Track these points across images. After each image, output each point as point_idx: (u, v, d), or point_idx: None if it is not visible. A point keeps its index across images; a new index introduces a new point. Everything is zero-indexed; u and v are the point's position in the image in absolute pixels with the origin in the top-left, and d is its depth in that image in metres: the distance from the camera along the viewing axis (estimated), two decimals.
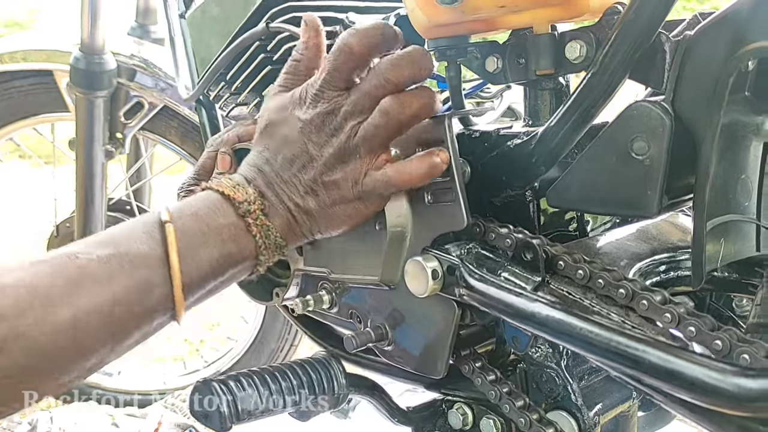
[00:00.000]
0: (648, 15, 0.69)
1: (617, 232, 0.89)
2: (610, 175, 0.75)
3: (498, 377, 0.87)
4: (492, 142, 0.87)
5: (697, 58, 0.70)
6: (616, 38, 0.72)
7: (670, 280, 0.85)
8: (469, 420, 0.94)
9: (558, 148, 0.80)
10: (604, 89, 0.74)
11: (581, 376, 0.86)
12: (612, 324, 0.67)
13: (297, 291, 1.03)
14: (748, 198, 0.77)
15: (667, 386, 0.61)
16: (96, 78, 1.65)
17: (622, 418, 0.91)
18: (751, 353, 0.59)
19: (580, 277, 0.73)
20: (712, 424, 0.61)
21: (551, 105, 0.89)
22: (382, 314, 0.91)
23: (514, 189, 0.85)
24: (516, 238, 0.78)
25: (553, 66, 0.83)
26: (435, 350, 0.86)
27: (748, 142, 0.76)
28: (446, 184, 0.80)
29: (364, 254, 0.89)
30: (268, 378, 0.76)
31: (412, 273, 0.81)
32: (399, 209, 0.84)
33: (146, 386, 2.09)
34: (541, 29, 0.82)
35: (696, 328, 0.63)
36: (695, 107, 0.70)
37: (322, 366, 0.80)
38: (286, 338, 1.86)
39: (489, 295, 0.76)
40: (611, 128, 0.75)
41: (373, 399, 0.96)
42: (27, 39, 1.86)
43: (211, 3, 1.17)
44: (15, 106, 1.84)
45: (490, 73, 0.89)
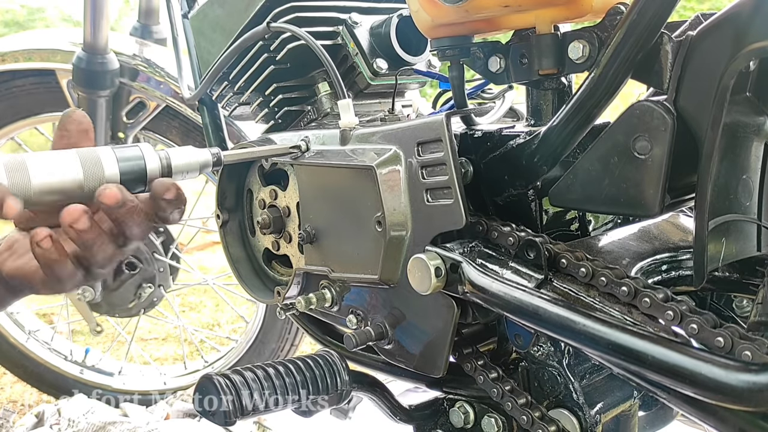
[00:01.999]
0: (651, 15, 0.70)
1: (619, 232, 0.90)
2: (613, 174, 0.76)
3: (500, 375, 0.87)
4: (494, 141, 0.88)
5: (699, 59, 0.70)
6: (619, 38, 0.72)
7: (672, 279, 0.85)
8: (470, 418, 0.95)
9: (560, 147, 0.81)
10: (607, 89, 0.75)
11: (583, 375, 0.86)
12: (615, 321, 0.68)
13: (298, 290, 1.03)
14: (750, 198, 0.77)
15: (670, 382, 0.61)
16: (98, 78, 1.65)
17: (623, 417, 0.92)
18: (753, 350, 0.60)
19: (583, 274, 0.73)
20: (715, 419, 0.62)
21: (553, 105, 0.89)
22: (382, 313, 0.92)
23: (517, 188, 0.86)
24: (519, 236, 0.79)
25: (555, 66, 0.84)
26: (435, 349, 0.86)
27: (750, 142, 0.76)
28: (445, 183, 0.81)
29: (364, 253, 0.90)
30: (272, 374, 0.76)
31: (416, 270, 0.82)
32: (398, 208, 0.85)
33: (146, 386, 2.09)
34: (543, 29, 0.83)
35: (698, 325, 0.64)
36: (697, 107, 0.71)
37: (326, 362, 0.80)
38: (286, 338, 1.86)
39: (492, 292, 0.76)
40: (614, 128, 0.75)
41: (375, 396, 0.97)
42: (29, 38, 1.87)
43: (213, 3, 1.18)
44: (17, 105, 1.84)
45: (493, 73, 0.90)
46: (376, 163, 0.85)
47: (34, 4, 7.09)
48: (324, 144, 0.96)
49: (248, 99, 1.15)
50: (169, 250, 1.92)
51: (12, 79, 1.81)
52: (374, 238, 0.88)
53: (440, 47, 0.89)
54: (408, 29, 1.02)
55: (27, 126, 1.90)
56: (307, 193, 0.97)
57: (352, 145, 0.92)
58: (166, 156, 0.78)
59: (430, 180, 0.83)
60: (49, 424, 1.72)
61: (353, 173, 0.89)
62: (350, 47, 1.05)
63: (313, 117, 1.10)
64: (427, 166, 0.83)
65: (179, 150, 0.79)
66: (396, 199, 0.86)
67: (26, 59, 1.77)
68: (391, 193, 0.86)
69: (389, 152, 0.86)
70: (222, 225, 1.13)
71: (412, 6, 0.88)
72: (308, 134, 0.98)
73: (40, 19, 7.00)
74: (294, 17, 1.04)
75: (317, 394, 0.79)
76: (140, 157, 0.75)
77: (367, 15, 1.07)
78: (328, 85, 1.09)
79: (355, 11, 1.07)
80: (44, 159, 0.71)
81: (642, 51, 0.72)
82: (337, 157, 0.92)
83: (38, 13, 7.10)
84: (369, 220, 0.87)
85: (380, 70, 1.04)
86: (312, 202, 0.97)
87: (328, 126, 1.03)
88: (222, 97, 1.22)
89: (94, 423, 1.70)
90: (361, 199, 0.88)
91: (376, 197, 0.86)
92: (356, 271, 0.91)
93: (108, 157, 0.74)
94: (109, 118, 1.71)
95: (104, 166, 0.73)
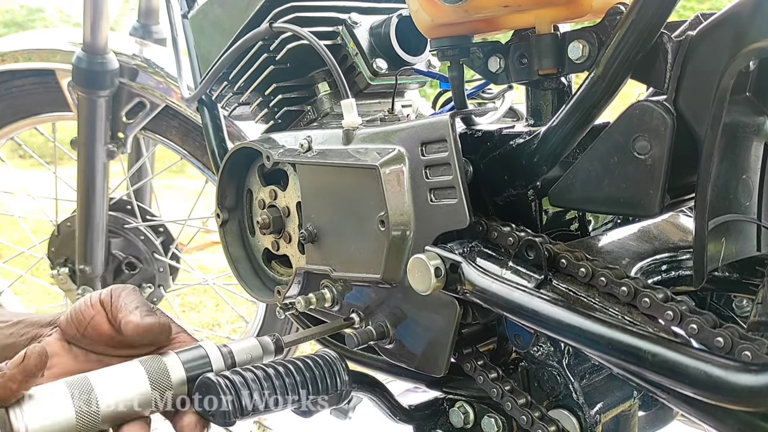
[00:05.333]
0: (650, 15, 0.70)
1: (619, 232, 0.90)
2: (612, 174, 0.76)
3: (500, 375, 0.87)
4: (494, 141, 0.88)
5: (698, 59, 0.70)
6: (619, 38, 0.72)
7: (672, 279, 0.85)
8: (470, 418, 0.95)
9: (560, 147, 0.81)
10: (607, 89, 0.75)
11: (582, 375, 0.86)
12: (615, 321, 0.68)
13: (299, 289, 1.03)
14: (749, 198, 0.77)
15: (670, 382, 0.61)
16: (98, 78, 1.65)
17: (623, 417, 0.92)
18: (753, 350, 0.60)
19: (583, 274, 0.73)
20: (714, 419, 0.62)
21: (553, 105, 0.89)
22: (383, 312, 0.92)
23: (517, 188, 0.86)
24: (518, 236, 0.79)
25: (555, 66, 0.84)
26: (436, 348, 0.87)
27: (749, 142, 0.76)
28: (449, 183, 0.81)
29: (366, 253, 0.90)
30: (271, 374, 0.76)
31: (415, 270, 0.82)
32: (401, 208, 0.85)
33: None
34: (543, 29, 0.83)
35: (698, 325, 0.64)
36: (697, 107, 0.71)
37: (326, 362, 0.80)
38: None
39: (491, 292, 0.76)
40: (613, 128, 0.75)
41: (375, 396, 0.97)
42: (29, 38, 1.87)
43: (213, 3, 1.18)
44: (17, 105, 1.84)
45: (493, 73, 0.90)
46: (379, 162, 0.85)
47: (33, 4, 7.09)
48: (326, 144, 0.96)
49: (248, 99, 1.15)
50: (168, 250, 1.92)
51: (12, 79, 1.81)
52: (377, 238, 0.88)
53: (440, 47, 0.89)
54: (408, 29, 1.02)
55: (27, 126, 1.90)
56: (308, 192, 0.97)
57: (355, 144, 0.92)
58: (229, 352, 0.77)
59: (434, 180, 0.83)
60: None
61: (356, 173, 0.89)
62: (350, 47, 1.05)
63: (313, 117, 1.10)
64: (431, 166, 0.83)
65: (241, 343, 0.79)
66: (399, 198, 0.86)
67: (26, 59, 1.77)
68: (395, 192, 0.86)
69: (393, 152, 0.86)
70: (222, 225, 1.13)
71: (411, 6, 0.88)
72: (310, 134, 0.98)
73: (39, 20, 7.00)
74: (294, 17, 1.04)
75: (317, 394, 0.79)
76: (204, 356, 0.76)
77: (366, 15, 1.07)
78: (328, 85, 1.09)
79: (355, 11, 1.07)
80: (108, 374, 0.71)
81: (642, 51, 0.72)
82: (340, 157, 0.92)
83: (38, 14, 7.10)
84: (372, 220, 0.87)
85: (380, 70, 1.04)
86: (314, 202, 0.97)
87: (330, 126, 1.03)
88: (222, 97, 1.22)
89: None
90: (365, 198, 0.88)
91: (379, 197, 0.86)
92: (358, 270, 0.91)
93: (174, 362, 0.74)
94: (108, 118, 1.71)
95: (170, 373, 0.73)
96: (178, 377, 0.73)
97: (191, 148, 1.80)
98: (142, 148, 1.99)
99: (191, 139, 1.79)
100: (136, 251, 1.88)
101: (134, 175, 1.99)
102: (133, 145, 1.86)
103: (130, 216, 1.90)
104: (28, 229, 2.31)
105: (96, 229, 1.76)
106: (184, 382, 0.74)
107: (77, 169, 1.74)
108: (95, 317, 0.79)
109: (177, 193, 4.35)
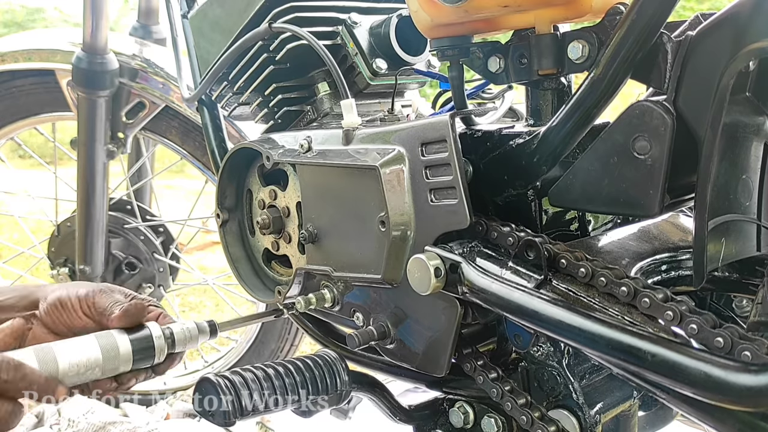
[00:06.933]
0: (650, 15, 0.70)
1: (618, 232, 0.90)
2: (612, 174, 0.76)
3: (500, 375, 0.87)
4: (494, 141, 0.88)
5: (698, 59, 0.70)
6: (619, 38, 0.72)
7: (672, 279, 0.85)
8: (470, 418, 0.95)
9: (560, 147, 0.81)
10: (606, 89, 0.75)
11: (582, 375, 0.86)
12: (614, 321, 0.68)
13: (299, 289, 1.03)
14: (749, 198, 0.77)
15: (670, 382, 0.61)
16: (98, 78, 1.65)
17: (622, 417, 0.92)
18: (753, 350, 0.60)
19: (582, 275, 0.73)
20: (714, 419, 0.62)
21: (553, 105, 0.89)
22: (384, 312, 0.92)
23: (516, 188, 0.86)
24: (518, 236, 0.79)
25: (555, 66, 0.84)
26: (437, 348, 0.87)
27: (749, 142, 0.76)
28: (449, 183, 0.81)
29: (367, 253, 0.90)
30: (271, 374, 0.76)
31: (415, 271, 0.82)
32: (402, 208, 0.85)
33: (146, 386, 2.08)
34: (543, 29, 0.83)
35: (698, 325, 0.64)
36: (697, 107, 0.71)
37: (325, 363, 0.80)
38: (286, 338, 1.86)
39: (491, 292, 0.76)
40: (613, 128, 0.75)
41: (374, 396, 0.97)
42: (29, 38, 1.87)
43: (213, 3, 1.18)
44: (17, 105, 1.84)
45: (493, 73, 0.90)
46: (380, 162, 0.85)
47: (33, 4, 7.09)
48: (326, 144, 0.96)
49: (248, 99, 1.15)
50: (168, 250, 1.92)
51: (12, 79, 1.80)
52: (377, 238, 0.88)
53: (440, 47, 0.89)
54: (407, 29, 1.02)
55: (27, 126, 1.90)
56: (309, 192, 0.97)
57: (355, 144, 0.92)
58: (169, 332, 0.89)
59: (434, 180, 0.83)
60: (49, 425, 1.72)
61: (357, 173, 0.89)
62: (350, 47, 1.05)
63: (313, 117, 1.10)
64: (431, 167, 0.83)
65: (180, 324, 0.91)
66: (400, 198, 0.86)
67: (26, 59, 1.77)
68: (395, 193, 0.86)
69: (393, 152, 0.86)
70: (222, 225, 1.13)
71: (411, 6, 0.88)
72: (310, 134, 0.98)
73: (39, 20, 7.00)
74: (293, 17, 1.04)
75: (317, 394, 0.79)
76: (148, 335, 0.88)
77: (366, 15, 1.07)
78: (328, 85, 1.09)
79: (355, 11, 1.07)
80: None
81: (641, 51, 0.72)
82: (340, 157, 0.92)
83: (38, 13, 7.10)
84: (372, 220, 0.87)
85: (380, 70, 1.04)
86: (314, 202, 0.97)
87: (329, 126, 1.03)
88: (221, 97, 1.22)
89: (94, 423, 1.70)
90: (365, 198, 0.88)
91: (379, 197, 0.86)
92: (359, 270, 0.91)
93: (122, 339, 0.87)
94: (108, 118, 1.71)
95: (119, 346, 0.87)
96: (125, 350, 0.86)
97: (191, 148, 1.80)
98: (142, 148, 1.99)
99: (191, 139, 1.79)
100: (136, 251, 1.88)
101: (134, 175, 1.99)
102: (133, 145, 1.86)
103: (130, 216, 1.89)
104: (28, 229, 2.31)
105: (96, 229, 1.76)
106: (129, 354, 0.87)
107: (77, 169, 1.74)
108: (75, 320, 0.90)
109: (177, 193, 4.35)
